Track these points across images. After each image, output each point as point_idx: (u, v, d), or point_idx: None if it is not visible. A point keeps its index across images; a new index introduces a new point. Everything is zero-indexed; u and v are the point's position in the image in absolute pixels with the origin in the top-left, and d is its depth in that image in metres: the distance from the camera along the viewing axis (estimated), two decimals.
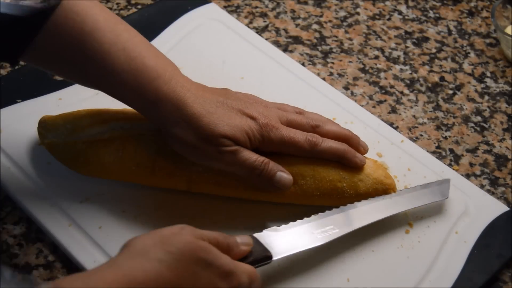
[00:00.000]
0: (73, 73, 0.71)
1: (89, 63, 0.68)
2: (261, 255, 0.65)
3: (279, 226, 0.68)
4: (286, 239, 0.67)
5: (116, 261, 0.56)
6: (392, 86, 0.92)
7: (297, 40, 0.98)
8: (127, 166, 0.73)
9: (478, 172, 0.82)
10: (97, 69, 0.68)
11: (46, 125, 0.75)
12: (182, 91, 0.69)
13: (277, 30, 0.99)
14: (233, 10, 1.01)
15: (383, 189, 0.73)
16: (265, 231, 0.67)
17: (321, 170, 0.72)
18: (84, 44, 0.67)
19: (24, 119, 0.81)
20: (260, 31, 0.98)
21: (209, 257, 0.58)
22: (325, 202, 0.73)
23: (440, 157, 0.83)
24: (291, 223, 0.69)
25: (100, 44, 0.67)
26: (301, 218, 0.70)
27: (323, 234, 0.69)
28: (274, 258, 0.65)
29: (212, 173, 0.72)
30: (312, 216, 0.70)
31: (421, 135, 0.86)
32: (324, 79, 0.91)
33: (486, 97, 0.91)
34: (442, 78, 0.94)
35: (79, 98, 0.83)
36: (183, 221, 0.72)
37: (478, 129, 0.87)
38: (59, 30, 0.66)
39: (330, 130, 0.75)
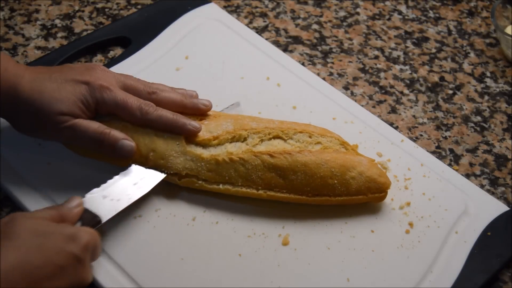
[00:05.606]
0: None
1: None
2: (91, 223, 0.66)
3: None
4: (109, 198, 0.69)
5: None
6: (392, 86, 0.92)
7: (297, 40, 0.98)
8: None
9: (478, 172, 0.82)
10: None
11: None
12: (15, 80, 0.70)
13: (277, 30, 0.99)
14: (233, 10, 1.01)
15: (376, 187, 0.73)
16: (87, 196, 0.68)
17: (312, 166, 0.72)
18: None
19: None
20: (260, 31, 0.98)
21: (47, 228, 0.60)
22: (316, 199, 0.73)
23: (440, 157, 0.83)
24: (108, 181, 0.70)
25: None
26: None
27: (142, 183, 0.71)
28: (104, 220, 0.67)
29: (202, 172, 0.73)
30: (121, 173, 0.72)
31: (421, 135, 0.86)
32: (324, 79, 0.91)
33: (486, 97, 0.91)
34: (442, 78, 0.94)
35: None
36: (183, 221, 0.73)
37: (478, 129, 0.87)
38: None
39: (167, 96, 0.75)
